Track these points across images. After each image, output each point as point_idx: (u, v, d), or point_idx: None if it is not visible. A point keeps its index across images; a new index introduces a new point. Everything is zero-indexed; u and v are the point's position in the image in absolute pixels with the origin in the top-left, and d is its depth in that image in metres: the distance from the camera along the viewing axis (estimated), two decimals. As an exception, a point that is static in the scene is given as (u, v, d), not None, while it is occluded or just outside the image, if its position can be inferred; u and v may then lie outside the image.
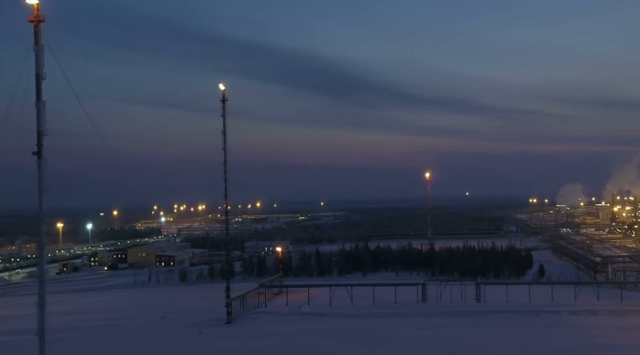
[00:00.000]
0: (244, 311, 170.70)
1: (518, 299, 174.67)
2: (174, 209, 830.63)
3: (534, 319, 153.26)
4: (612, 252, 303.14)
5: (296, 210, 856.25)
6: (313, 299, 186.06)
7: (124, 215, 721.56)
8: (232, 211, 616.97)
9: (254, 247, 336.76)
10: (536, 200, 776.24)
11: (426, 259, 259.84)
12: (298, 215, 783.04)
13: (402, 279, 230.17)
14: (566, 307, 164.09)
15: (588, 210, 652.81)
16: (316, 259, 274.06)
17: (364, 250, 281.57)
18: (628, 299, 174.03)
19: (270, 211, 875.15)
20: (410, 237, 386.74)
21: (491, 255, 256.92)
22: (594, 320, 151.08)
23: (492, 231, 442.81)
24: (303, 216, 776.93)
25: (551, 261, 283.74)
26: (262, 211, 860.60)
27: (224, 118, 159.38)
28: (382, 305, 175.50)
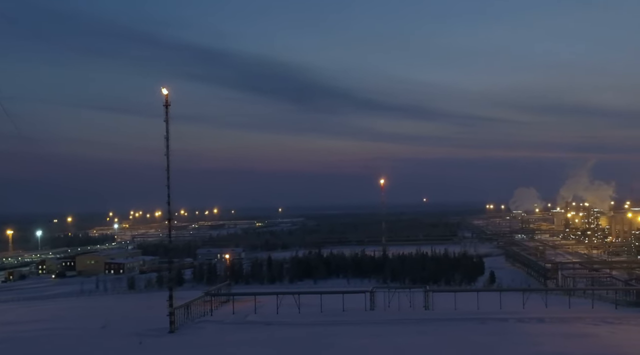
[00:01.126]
0: (188, 320, 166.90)
1: (467, 306, 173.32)
2: (130, 216, 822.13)
3: (480, 327, 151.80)
4: (565, 259, 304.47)
5: (254, 217, 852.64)
6: (261, 307, 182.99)
7: (79, 221, 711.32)
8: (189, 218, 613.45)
9: (206, 254, 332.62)
10: (493, 206, 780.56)
11: (378, 265, 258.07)
12: (255, 222, 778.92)
13: (353, 286, 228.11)
14: (514, 315, 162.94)
15: (544, 216, 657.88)
16: (268, 266, 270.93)
17: (315, 257, 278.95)
18: (576, 306, 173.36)
19: (228, 217, 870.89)
20: (365, 244, 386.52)
21: (443, 262, 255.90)
22: (541, 327, 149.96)
23: (447, 237, 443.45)
24: (260, 223, 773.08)
25: (503, 267, 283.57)
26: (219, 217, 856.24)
27: (167, 123, 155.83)
28: (330, 314, 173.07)
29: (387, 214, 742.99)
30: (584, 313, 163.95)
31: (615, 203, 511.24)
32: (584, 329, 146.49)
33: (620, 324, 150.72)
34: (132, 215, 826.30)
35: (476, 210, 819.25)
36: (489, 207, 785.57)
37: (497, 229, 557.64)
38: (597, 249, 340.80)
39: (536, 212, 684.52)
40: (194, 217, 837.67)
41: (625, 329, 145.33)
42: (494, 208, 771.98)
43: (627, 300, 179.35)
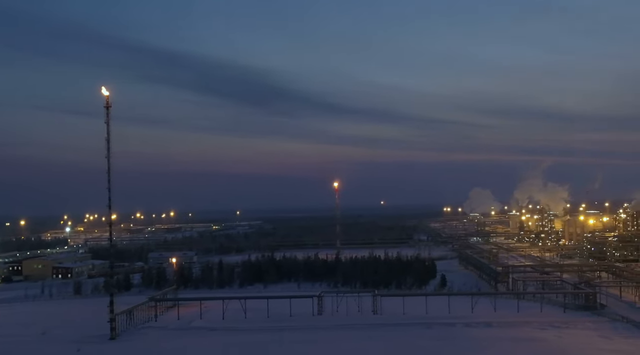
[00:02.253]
0: (131, 326, 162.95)
1: (415, 310, 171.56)
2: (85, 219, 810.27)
3: (427, 332, 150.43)
4: (518, 261, 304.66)
5: (212, 220, 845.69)
6: (207, 312, 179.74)
7: (33, 225, 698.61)
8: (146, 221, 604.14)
9: (158, 258, 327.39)
10: (450, 209, 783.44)
11: (330, 269, 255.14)
12: (212, 225, 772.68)
13: (304, 290, 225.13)
14: (462, 319, 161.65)
15: (500, 219, 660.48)
16: (218, 270, 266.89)
17: (267, 261, 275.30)
18: (525, 310, 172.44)
19: (186, 220, 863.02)
20: (320, 247, 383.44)
21: (395, 265, 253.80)
22: (488, 332, 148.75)
23: (402, 240, 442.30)
24: (217, 226, 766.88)
25: (456, 271, 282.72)
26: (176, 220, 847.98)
27: (107, 125, 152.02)
28: (277, 319, 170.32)
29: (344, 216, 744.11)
30: (532, 317, 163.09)
31: (572, 206, 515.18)
32: (531, 333, 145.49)
33: (567, 328, 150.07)
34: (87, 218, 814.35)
35: (434, 213, 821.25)
36: (446, 209, 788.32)
37: (454, 231, 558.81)
38: (550, 252, 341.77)
39: (492, 214, 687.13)
40: (151, 220, 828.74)
41: (572, 333, 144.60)
42: (451, 211, 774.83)
43: (576, 303, 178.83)
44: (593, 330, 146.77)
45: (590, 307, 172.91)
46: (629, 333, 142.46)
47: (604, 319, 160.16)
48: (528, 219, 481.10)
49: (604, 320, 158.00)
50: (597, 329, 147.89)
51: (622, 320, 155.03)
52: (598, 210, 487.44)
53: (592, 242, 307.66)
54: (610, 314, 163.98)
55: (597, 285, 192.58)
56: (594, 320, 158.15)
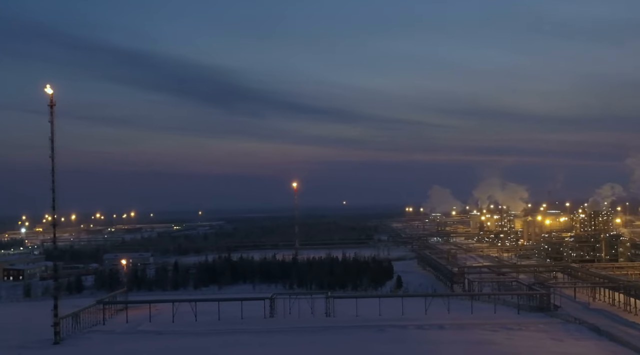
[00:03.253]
0: (77, 330, 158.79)
1: (369, 312, 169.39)
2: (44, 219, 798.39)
3: (379, 335, 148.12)
4: (476, 262, 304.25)
5: (174, 220, 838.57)
6: (157, 315, 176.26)
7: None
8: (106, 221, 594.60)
9: (113, 259, 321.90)
10: (412, 209, 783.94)
11: (286, 270, 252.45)
12: (173, 225, 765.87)
13: (259, 291, 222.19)
14: (415, 321, 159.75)
15: (462, 219, 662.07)
16: (174, 271, 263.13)
17: (222, 262, 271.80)
18: (478, 311, 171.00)
19: (147, 221, 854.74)
20: (279, 248, 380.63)
21: (352, 266, 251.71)
22: (440, 334, 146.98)
23: (362, 241, 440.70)
24: (178, 226, 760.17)
25: (414, 271, 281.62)
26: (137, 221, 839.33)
27: (52, 124, 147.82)
28: (227, 322, 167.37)
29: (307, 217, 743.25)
30: (485, 319, 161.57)
31: (533, 206, 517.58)
32: (482, 335, 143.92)
33: (519, 330, 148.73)
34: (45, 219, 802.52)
35: (396, 213, 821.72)
36: (408, 209, 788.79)
37: (415, 232, 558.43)
38: (509, 252, 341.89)
39: (453, 214, 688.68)
40: (112, 220, 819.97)
41: (524, 335, 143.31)
42: (412, 211, 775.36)
43: (530, 305, 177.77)
44: (545, 332, 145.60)
45: (543, 308, 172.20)
46: (580, 335, 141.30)
47: (557, 320, 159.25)
48: (488, 219, 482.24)
49: (556, 322, 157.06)
50: (549, 330, 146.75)
51: (574, 322, 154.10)
52: (559, 210, 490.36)
53: (548, 242, 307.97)
54: (563, 315, 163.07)
55: (551, 286, 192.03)
56: (546, 322, 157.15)
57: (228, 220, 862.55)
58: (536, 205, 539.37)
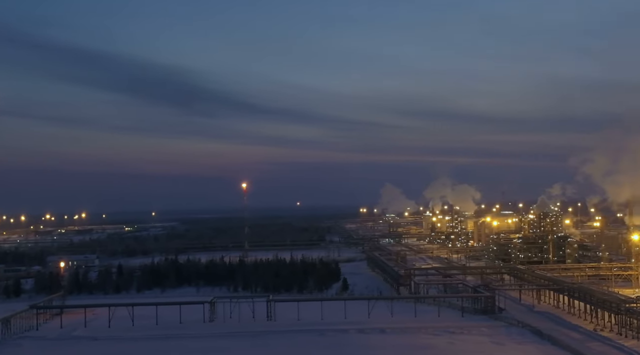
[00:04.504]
0: (8, 336, 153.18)
1: (311, 316, 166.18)
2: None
3: (319, 339, 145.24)
4: (426, 263, 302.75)
5: (127, 221, 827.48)
6: (93, 320, 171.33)
7: None
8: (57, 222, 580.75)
9: (57, 262, 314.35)
10: (366, 209, 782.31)
11: (232, 273, 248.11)
12: (124, 226, 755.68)
13: (202, 294, 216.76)
14: (357, 325, 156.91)
15: (416, 219, 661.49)
16: (117, 274, 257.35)
17: (167, 265, 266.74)
18: (423, 314, 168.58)
19: (100, 222, 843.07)
20: (229, 249, 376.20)
21: (298, 268, 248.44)
22: (381, 338, 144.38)
23: (314, 242, 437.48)
24: (130, 227, 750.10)
25: (363, 273, 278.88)
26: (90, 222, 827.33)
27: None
28: (166, 326, 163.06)
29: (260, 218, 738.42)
30: (428, 322, 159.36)
31: (486, 207, 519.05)
32: (424, 339, 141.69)
33: (461, 333, 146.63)
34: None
35: (351, 214, 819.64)
36: (362, 210, 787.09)
37: (368, 233, 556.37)
38: (458, 254, 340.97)
39: (406, 215, 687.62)
40: (63, 221, 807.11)
41: (465, 339, 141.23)
42: (367, 212, 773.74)
43: (475, 307, 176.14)
44: (487, 335, 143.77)
45: (488, 311, 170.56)
46: (522, 338, 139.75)
47: (500, 323, 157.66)
48: (439, 220, 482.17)
49: (499, 325, 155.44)
50: (491, 334, 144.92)
51: (517, 325, 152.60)
52: (512, 211, 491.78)
53: (497, 243, 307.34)
54: (507, 318, 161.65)
55: (496, 288, 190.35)
56: (489, 325, 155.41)
57: (181, 221, 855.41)
58: (490, 206, 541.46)
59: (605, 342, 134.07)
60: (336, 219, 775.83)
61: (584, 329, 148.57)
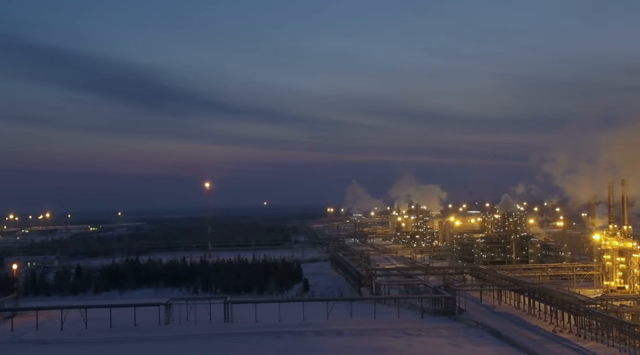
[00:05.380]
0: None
1: (269, 317, 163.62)
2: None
3: (275, 342, 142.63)
4: (389, 263, 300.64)
5: (92, 221, 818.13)
6: (46, 323, 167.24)
7: None
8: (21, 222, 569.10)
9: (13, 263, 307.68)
10: (333, 209, 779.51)
11: (192, 273, 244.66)
12: (89, 226, 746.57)
13: (161, 296, 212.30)
14: (314, 327, 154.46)
15: (383, 219, 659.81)
16: (76, 275, 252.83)
17: (126, 266, 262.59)
18: (382, 316, 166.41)
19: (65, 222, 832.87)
20: (193, 249, 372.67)
21: (260, 269, 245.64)
22: (338, 341, 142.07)
23: (279, 242, 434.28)
24: (94, 227, 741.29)
25: (326, 274, 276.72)
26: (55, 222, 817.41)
27: None
28: (120, 329, 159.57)
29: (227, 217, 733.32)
30: (387, 324, 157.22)
31: (453, 206, 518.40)
32: (382, 342, 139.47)
33: (420, 335, 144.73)
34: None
35: (319, 214, 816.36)
36: (330, 210, 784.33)
37: (334, 232, 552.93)
38: (423, 253, 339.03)
39: (372, 215, 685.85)
40: (28, 221, 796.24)
41: (423, 341, 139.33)
42: (334, 211, 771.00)
43: (435, 308, 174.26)
44: (446, 337, 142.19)
45: (448, 312, 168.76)
46: (480, 340, 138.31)
47: (460, 324, 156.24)
48: (404, 219, 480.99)
49: (458, 327, 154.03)
50: (450, 336, 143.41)
51: (477, 326, 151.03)
52: (479, 210, 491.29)
53: (460, 243, 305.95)
54: (466, 319, 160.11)
55: (457, 289, 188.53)
56: (448, 327, 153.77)
57: (148, 221, 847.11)
58: (457, 205, 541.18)
59: (563, 344, 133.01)
60: (304, 218, 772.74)
61: (544, 330, 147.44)
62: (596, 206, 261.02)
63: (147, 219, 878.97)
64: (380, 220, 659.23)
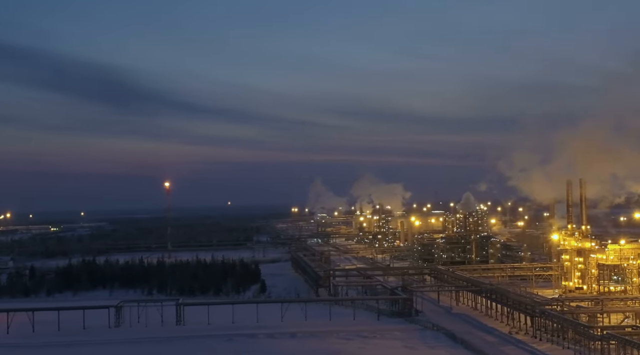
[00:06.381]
0: None
1: (223, 319, 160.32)
2: None
3: (227, 344, 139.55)
4: (350, 264, 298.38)
5: (55, 221, 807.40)
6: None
7: None
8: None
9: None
10: (297, 209, 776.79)
11: (148, 275, 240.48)
12: (50, 226, 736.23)
13: (115, 297, 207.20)
14: (268, 329, 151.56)
15: (347, 219, 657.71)
16: (29, 276, 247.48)
17: (81, 267, 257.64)
18: (338, 318, 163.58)
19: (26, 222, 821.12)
20: (153, 250, 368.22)
21: (217, 270, 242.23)
22: (290, 344, 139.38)
23: (241, 242, 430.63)
24: (56, 227, 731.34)
25: (285, 274, 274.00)
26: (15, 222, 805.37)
27: None
28: (68, 332, 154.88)
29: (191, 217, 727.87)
30: (343, 326, 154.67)
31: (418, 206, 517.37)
32: (335, 344, 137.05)
33: (374, 337, 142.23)
34: None
35: (284, 213, 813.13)
36: (294, 210, 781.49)
37: (298, 232, 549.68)
38: (384, 254, 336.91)
39: (335, 215, 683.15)
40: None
41: (377, 343, 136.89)
42: (298, 211, 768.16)
43: (392, 310, 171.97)
44: (400, 339, 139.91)
45: (405, 313, 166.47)
46: (435, 342, 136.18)
47: (416, 326, 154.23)
48: (366, 219, 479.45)
49: (414, 328, 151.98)
50: (404, 338, 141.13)
51: (432, 328, 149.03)
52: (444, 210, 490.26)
53: (421, 243, 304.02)
54: (422, 321, 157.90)
55: (414, 290, 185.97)
56: (404, 329, 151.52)
57: (111, 221, 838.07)
58: (422, 205, 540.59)
59: (518, 346, 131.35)
60: (268, 218, 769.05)
61: (500, 332, 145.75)
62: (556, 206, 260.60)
63: (110, 219, 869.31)
64: (344, 220, 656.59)
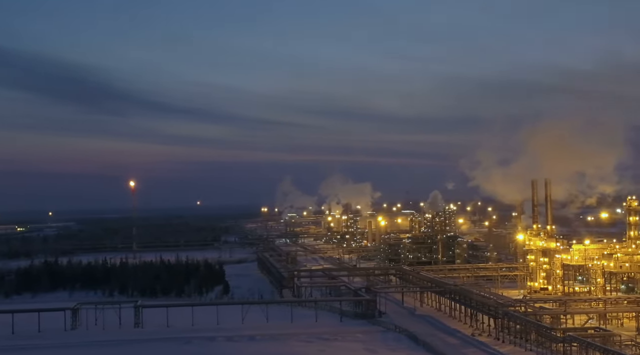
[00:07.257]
0: None
1: (183, 321, 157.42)
2: None
3: (184, 347, 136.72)
4: (317, 264, 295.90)
5: (21, 221, 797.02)
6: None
7: None
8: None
9: None
10: (267, 209, 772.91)
11: (110, 276, 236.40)
12: (16, 226, 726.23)
13: (76, 299, 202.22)
14: (228, 332, 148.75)
15: (317, 219, 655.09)
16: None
17: (41, 268, 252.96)
18: (300, 319, 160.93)
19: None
20: (119, 250, 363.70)
21: (180, 271, 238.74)
22: (249, 346, 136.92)
23: (208, 243, 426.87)
24: (22, 227, 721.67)
25: (251, 275, 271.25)
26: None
27: None
28: (22, 335, 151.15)
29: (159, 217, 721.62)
30: (304, 328, 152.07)
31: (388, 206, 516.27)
32: (295, 347, 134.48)
33: (335, 340, 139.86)
34: None
35: (254, 213, 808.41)
36: (264, 209, 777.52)
37: (266, 232, 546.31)
38: (352, 254, 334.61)
39: (304, 214, 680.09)
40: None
41: (338, 346, 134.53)
42: (268, 211, 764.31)
43: (355, 311, 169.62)
44: (361, 342, 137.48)
45: (368, 315, 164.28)
46: (397, 344, 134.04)
47: (378, 328, 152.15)
48: (334, 219, 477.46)
49: (376, 330, 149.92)
50: (366, 340, 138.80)
51: (395, 330, 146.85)
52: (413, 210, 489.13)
53: (387, 243, 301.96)
54: (385, 322, 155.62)
55: (378, 291, 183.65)
56: (366, 331, 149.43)
57: (79, 221, 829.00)
58: (392, 204, 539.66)
59: (481, 348, 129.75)
60: (238, 218, 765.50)
61: (462, 334, 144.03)
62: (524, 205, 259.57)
63: (78, 219, 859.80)
64: (314, 220, 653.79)
